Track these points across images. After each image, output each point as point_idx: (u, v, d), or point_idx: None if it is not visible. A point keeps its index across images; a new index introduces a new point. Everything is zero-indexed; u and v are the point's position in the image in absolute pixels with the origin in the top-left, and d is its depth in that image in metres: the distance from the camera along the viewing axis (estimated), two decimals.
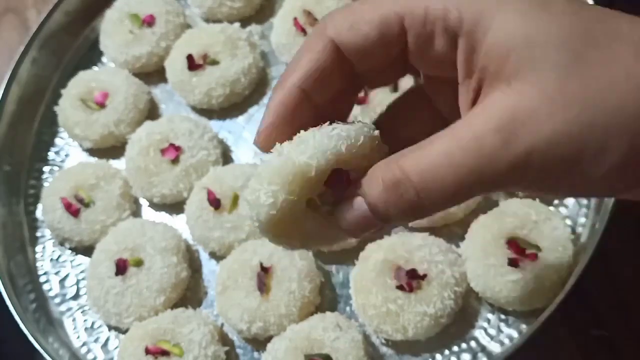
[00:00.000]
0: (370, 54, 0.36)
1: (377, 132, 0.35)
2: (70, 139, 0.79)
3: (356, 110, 0.68)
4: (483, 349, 0.61)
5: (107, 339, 0.69)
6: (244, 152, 0.75)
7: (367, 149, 0.34)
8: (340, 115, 0.38)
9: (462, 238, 0.63)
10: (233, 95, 0.76)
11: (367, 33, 0.35)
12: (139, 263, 0.67)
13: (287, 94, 0.36)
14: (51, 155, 0.80)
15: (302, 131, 0.34)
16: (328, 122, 0.34)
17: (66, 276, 0.73)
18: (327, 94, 0.37)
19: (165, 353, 0.62)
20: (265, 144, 0.36)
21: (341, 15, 0.36)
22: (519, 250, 0.59)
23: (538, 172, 0.30)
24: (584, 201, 0.64)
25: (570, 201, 0.65)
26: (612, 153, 0.29)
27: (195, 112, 0.78)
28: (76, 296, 0.71)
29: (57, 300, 0.72)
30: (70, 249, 0.74)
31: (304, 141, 0.33)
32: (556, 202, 0.64)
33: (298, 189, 0.33)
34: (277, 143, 0.34)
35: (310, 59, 0.36)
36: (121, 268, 0.66)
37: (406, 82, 0.43)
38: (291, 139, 0.34)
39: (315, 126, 0.34)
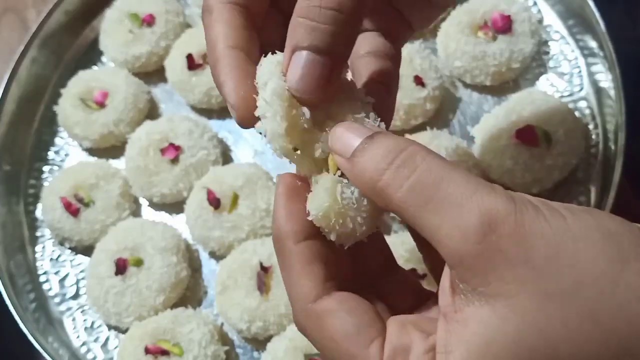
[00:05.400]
0: None
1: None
2: (70, 138, 0.79)
3: None
4: None
5: (107, 339, 0.69)
6: (244, 151, 0.75)
7: None
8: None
9: None
10: None
11: None
12: (138, 263, 0.67)
13: (228, 60, 0.36)
14: (51, 154, 0.80)
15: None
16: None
17: (66, 276, 0.73)
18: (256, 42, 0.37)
19: (165, 352, 0.62)
20: (245, 113, 0.36)
21: None
22: None
23: None
24: (584, 199, 0.64)
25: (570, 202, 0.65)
26: None
27: (195, 111, 0.78)
28: (76, 296, 0.72)
29: (57, 299, 0.72)
30: (70, 248, 0.74)
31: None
32: None
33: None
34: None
35: (223, 19, 0.37)
36: (121, 268, 0.67)
37: None
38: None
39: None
